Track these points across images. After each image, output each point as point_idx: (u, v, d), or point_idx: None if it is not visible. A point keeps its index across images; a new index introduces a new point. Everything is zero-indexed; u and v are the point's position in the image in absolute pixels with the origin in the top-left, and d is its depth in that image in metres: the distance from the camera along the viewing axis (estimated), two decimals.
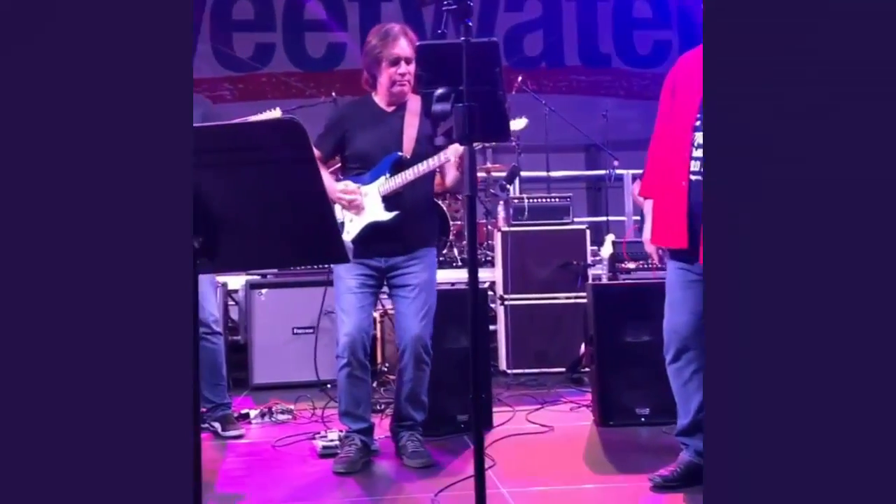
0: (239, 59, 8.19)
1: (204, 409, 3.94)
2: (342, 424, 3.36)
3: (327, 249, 1.64)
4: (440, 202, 5.61)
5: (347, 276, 3.24)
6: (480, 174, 6.22)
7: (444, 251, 5.58)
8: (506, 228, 5.27)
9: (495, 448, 3.47)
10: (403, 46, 3.19)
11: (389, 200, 3.21)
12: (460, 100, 1.78)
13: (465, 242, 5.91)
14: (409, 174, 3.16)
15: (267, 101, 7.90)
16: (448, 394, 3.61)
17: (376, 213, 3.22)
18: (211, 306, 3.80)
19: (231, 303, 5.60)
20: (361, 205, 3.22)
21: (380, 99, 3.32)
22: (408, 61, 3.19)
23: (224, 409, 3.89)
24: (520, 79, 5.89)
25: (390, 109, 3.31)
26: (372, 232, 3.23)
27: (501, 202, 5.69)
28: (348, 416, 3.29)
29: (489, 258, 5.69)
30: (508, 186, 5.98)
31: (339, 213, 3.24)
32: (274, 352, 5.05)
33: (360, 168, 3.30)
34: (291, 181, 1.54)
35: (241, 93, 8.23)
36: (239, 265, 2.48)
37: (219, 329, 3.86)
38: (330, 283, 3.81)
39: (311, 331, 5.06)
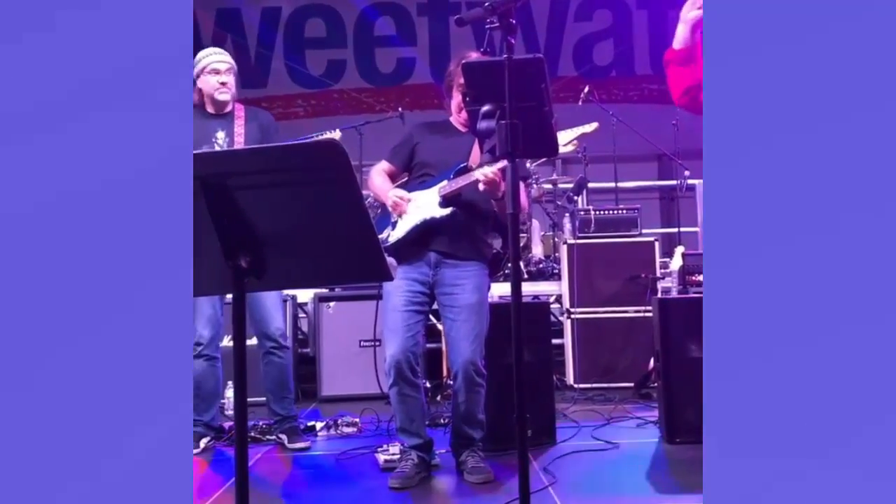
0: (311, 75, 8.37)
1: (271, 422, 4.02)
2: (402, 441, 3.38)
3: (370, 268, 1.65)
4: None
5: (395, 294, 3.23)
6: (547, 186, 6.18)
7: (510, 264, 5.55)
8: (572, 241, 5.22)
9: (558, 465, 3.43)
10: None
11: (446, 201, 3.20)
12: (505, 117, 1.77)
13: (531, 255, 5.88)
14: (468, 177, 3.13)
15: (339, 117, 8.06)
16: (509, 409, 3.58)
17: (432, 210, 3.20)
18: (277, 321, 3.86)
19: (301, 314, 5.71)
20: (405, 210, 3.23)
21: (454, 120, 3.38)
22: None
23: (291, 422, 3.95)
24: (586, 89, 5.82)
25: (465, 131, 3.33)
26: (423, 230, 3.21)
27: (567, 214, 5.64)
28: (403, 433, 3.30)
29: (556, 271, 5.64)
30: (576, 198, 5.94)
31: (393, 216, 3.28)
32: (341, 364, 5.13)
33: (423, 176, 3.32)
34: (332, 201, 1.55)
35: (314, 109, 8.41)
36: (285, 284, 2.53)
37: (286, 343, 3.91)
38: None
39: (377, 343, 5.11)
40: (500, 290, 5.53)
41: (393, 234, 3.28)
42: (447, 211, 3.17)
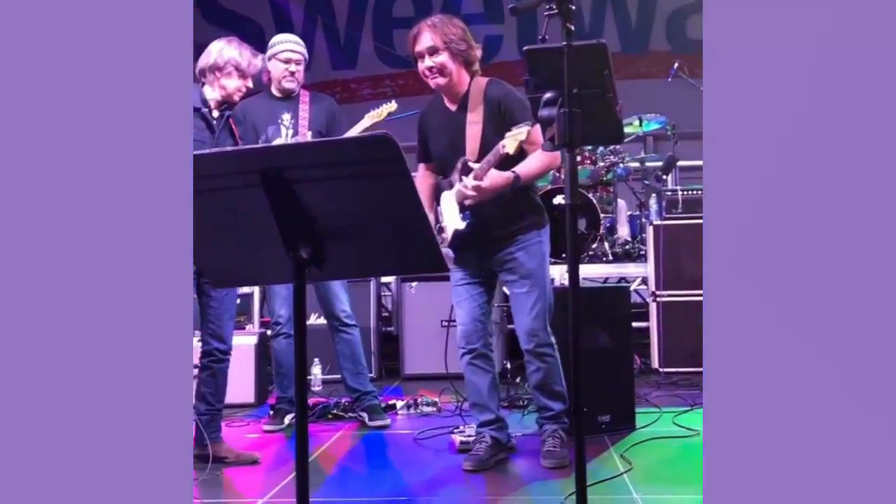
0: (399, 56, 8.42)
1: (350, 399, 4.12)
2: (474, 417, 3.40)
3: (425, 258, 1.67)
4: (589, 194, 5.51)
5: (456, 269, 3.27)
6: (634, 164, 6.04)
7: (594, 245, 5.48)
8: (658, 222, 5.10)
9: (635, 451, 3.38)
10: (424, 41, 3.12)
11: (464, 208, 3.13)
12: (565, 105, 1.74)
13: (616, 236, 5.78)
14: (469, 178, 3.03)
15: (426, 97, 8.09)
16: (587, 394, 3.55)
17: (455, 221, 3.16)
18: (343, 303, 3.99)
19: (386, 293, 5.81)
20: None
21: (445, 97, 3.24)
22: (431, 52, 3.10)
23: (370, 399, 4.04)
24: (676, 64, 5.65)
25: (454, 108, 3.22)
26: (460, 240, 3.18)
27: (654, 195, 5.51)
28: (475, 407, 3.33)
29: (642, 252, 5.53)
30: (665, 177, 5.79)
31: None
32: (423, 343, 5.19)
33: (441, 174, 3.29)
34: (386, 193, 1.57)
35: (402, 89, 8.46)
36: (345, 274, 2.58)
37: (351, 322, 4.03)
38: None
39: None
40: (596, 271, 5.50)
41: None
42: (465, 223, 3.13)
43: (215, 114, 3.31)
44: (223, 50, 3.28)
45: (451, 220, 3.18)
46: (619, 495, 2.86)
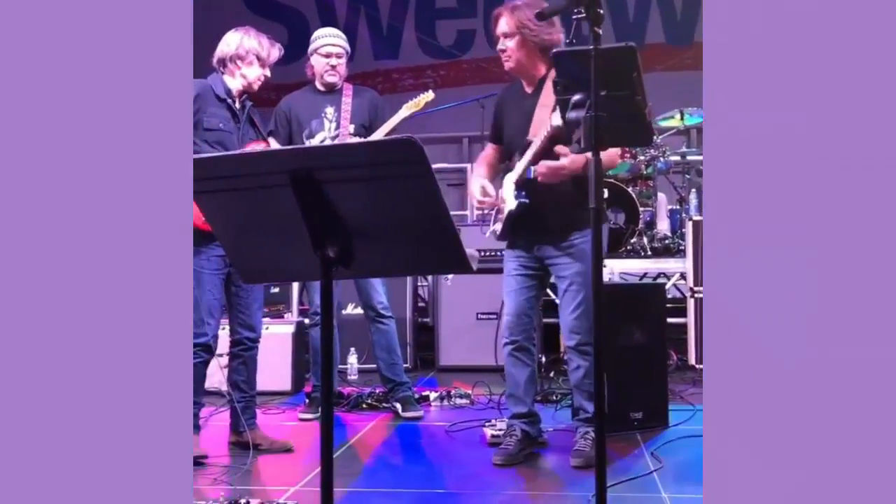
0: (440, 46, 8.43)
1: (384, 389, 4.17)
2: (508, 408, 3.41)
3: (450, 258, 1.69)
4: (629, 188, 5.47)
5: (508, 259, 3.29)
6: (675, 158, 5.97)
7: (633, 240, 5.44)
8: (697, 217, 5.04)
9: (666, 449, 3.37)
10: (501, 24, 3.16)
11: (520, 188, 3.15)
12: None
13: (655, 231, 5.73)
14: (524, 159, 3.06)
15: (467, 87, 8.08)
16: (621, 391, 3.56)
17: (510, 202, 3.19)
18: (379, 295, 4.04)
19: (423, 283, 5.85)
20: (493, 204, 3.25)
21: (523, 80, 3.28)
22: (505, 36, 3.14)
23: (404, 390, 4.09)
24: None
25: (530, 90, 3.24)
26: (513, 222, 3.20)
27: (694, 189, 5.44)
28: (511, 398, 3.35)
29: (681, 248, 5.47)
30: None
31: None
32: (459, 335, 5.23)
33: (509, 156, 3.31)
34: (411, 195, 1.59)
35: (443, 79, 8.46)
36: (371, 273, 2.61)
37: (388, 313, 4.08)
38: None
39: (493, 317, 5.17)
40: (620, 266, 5.45)
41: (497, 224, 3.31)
42: (515, 203, 3.14)
43: (238, 105, 3.36)
44: (243, 39, 3.32)
45: (510, 201, 3.22)
46: (648, 493, 2.85)
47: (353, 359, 5.10)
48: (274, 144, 3.81)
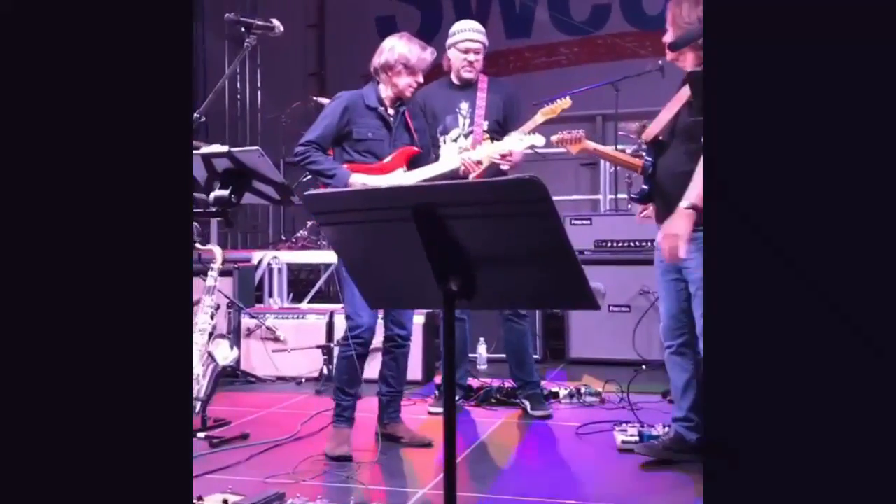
0: (574, 23, 8.22)
1: (514, 386, 4.16)
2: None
3: (574, 295, 1.65)
4: None
5: (659, 260, 3.15)
6: None
7: None
8: None
9: None
10: (667, 17, 3.00)
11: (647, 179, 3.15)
12: None
13: None
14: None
15: (601, 64, 7.86)
16: None
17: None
18: None
19: None
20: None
21: None
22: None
23: (533, 388, 4.06)
24: None
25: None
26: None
27: None
28: (674, 400, 3.25)
29: None
30: None
31: None
32: (590, 328, 5.14)
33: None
34: (534, 233, 1.56)
35: (577, 56, 8.27)
36: (492, 306, 2.58)
37: (524, 312, 4.03)
38: (646, 262, 3.75)
39: (626, 309, 5.05)
40: None
41: None
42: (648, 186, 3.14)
43: (391, 112, 3.40)
44: (394, 48, 3.36)
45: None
46: None
47: (482, 348, 5.13)
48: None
